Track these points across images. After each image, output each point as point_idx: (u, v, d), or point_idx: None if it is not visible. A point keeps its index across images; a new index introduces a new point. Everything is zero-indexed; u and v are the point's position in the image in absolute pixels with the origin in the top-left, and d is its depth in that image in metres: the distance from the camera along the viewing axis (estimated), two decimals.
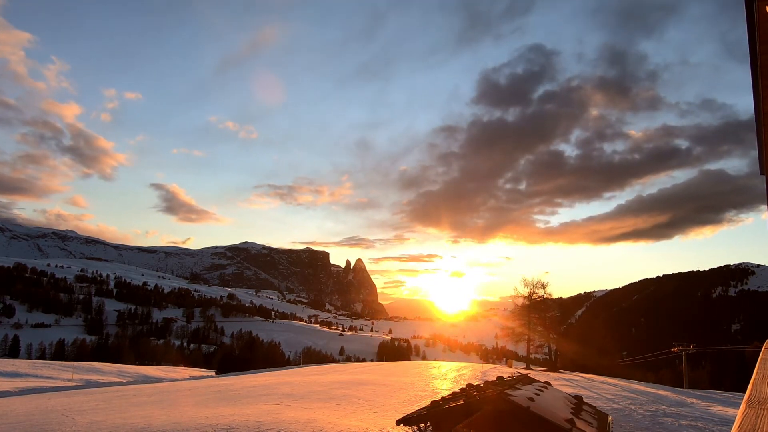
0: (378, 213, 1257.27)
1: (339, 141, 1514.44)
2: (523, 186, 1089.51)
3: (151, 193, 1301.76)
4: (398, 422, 7.96)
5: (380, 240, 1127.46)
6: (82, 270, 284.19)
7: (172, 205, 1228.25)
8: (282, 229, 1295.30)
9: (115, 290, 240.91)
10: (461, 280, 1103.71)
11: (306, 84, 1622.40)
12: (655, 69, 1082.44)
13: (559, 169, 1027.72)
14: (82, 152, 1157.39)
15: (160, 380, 37.50)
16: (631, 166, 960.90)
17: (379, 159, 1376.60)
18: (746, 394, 2.93)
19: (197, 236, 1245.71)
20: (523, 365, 45.96)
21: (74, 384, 32.28)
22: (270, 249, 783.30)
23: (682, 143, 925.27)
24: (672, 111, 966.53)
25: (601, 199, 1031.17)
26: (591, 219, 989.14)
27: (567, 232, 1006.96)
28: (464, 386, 9.11)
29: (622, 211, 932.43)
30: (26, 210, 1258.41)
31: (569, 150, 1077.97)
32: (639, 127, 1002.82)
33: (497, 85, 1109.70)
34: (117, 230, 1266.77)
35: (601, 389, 23.53)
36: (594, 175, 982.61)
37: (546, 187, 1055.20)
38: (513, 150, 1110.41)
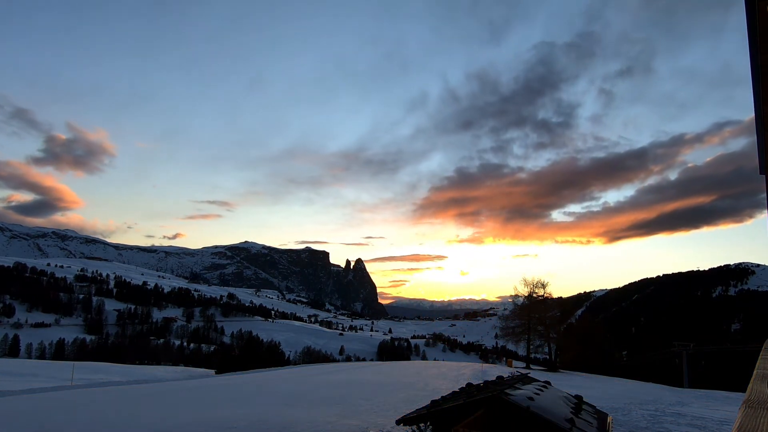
0: (375, 212, 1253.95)
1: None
2: (526, 171, 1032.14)
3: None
4: (398, 422, 7.97)
5: (380, 239, 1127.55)
6: (81, 270, 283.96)
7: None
8: (282, 228, 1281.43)
9: (114, 290, 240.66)
10: (461, 279, 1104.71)
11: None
12: None
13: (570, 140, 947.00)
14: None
15: (160, 380, 37.48)
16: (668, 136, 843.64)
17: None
18: (746, 394, 2.93)
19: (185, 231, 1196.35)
20: (523, 365, 45.97)
21: (74, 384, 32.27)
22: (270, 249, 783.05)
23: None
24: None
25: (610, 192, 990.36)
26: (595, 214, 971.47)
27: (570, 229, 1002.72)
28: (464, 386, 9.12)
29: (634, 202, 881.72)
30: None
31: (586, 102, 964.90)
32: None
33: None
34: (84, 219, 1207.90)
35: (601, 389, 23.53)
36: (609, 159, 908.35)
37: (550, 177, 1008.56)
38: (512, 109, 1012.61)
